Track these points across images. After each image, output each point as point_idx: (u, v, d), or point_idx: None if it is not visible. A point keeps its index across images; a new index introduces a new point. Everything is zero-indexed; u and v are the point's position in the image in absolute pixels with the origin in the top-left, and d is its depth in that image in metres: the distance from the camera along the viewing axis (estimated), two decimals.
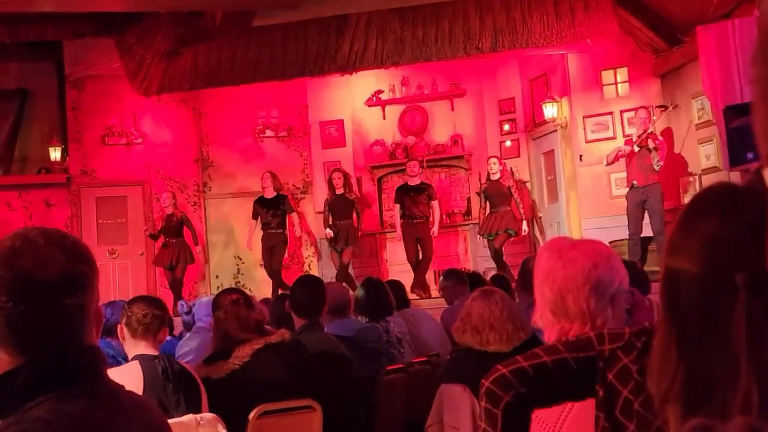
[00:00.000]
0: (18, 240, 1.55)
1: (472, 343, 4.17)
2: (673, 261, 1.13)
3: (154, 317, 4.16)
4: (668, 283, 1.14)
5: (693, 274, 1.09)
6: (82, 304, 1.57)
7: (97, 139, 13.32)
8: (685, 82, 11.39)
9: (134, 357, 4.13)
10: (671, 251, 1.14)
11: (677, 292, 1.12)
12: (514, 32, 11.11)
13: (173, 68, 11.84)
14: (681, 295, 1.11)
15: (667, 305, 1.14)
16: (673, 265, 1.13)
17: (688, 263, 1.10)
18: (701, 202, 1.14)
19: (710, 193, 1.15)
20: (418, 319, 6.74)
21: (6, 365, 1.52)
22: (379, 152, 13.92)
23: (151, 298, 4.39)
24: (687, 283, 1.10)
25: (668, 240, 1.16)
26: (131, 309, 4.19)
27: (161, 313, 4.21)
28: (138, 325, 4.14)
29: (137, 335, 4.16)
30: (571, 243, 2.36)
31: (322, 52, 11.51)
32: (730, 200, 1.12)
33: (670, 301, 1.14)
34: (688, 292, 1.10)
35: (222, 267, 13.70)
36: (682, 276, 1.11)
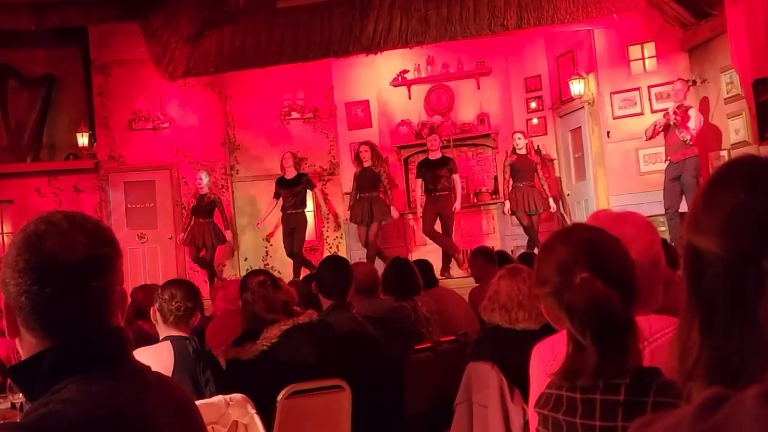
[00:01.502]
0: (42, 224, 1.56)
1: (500, 321, 4.16)
2: (696, 238, 1.11)
3: (186, 309, 4.20)
4: (692, 263, 1.12)
5: (718, 256, 1.07)
6: (106, 286, 1.57)
7: (124, 124, 13.39)
8: (713, 56, 11.25)
9: (165, 338, 4.18)
10: (694, 227, 1.12)
11: (701, 273, 1.09)
12: (539, 8, 11.03)
13: (198, 52, 11.87)
14: (705, 276, 1.08)
15: (691, 284, 1.12)
16: (697, 242, 1.10)
17: (712, 243, 1.07)
18: (724, 175, 1.12)
19: (733, 166, 1.13)
20: (446, 298, 6.73)
21: (33, 348, 1.54)
22: (406, 132, 13.89)
23: (184, 286, 4.40)
24: (712, 265, 1.07)
25: (690, 214, 1.13)
26: (163, 295, 4.23)
27: (193, 305, 4.25)
28: (170, 315, 4.19)
29: (169, 322, 4.21)
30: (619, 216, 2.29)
31: (347, 33, 11.49)
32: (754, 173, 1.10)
33: (694, 281, 1.11)
34: (713, 275, 1.07)
35: (250, 250, 13.76)
36: (707, 257, 1.08)
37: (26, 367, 1.54)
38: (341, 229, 13.84)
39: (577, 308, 1.74)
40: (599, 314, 1.72)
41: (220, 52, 11.87)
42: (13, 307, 1.54)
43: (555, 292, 1.79)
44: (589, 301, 1.72)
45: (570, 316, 1.75)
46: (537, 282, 1.88)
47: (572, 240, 1.85)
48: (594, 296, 1.72)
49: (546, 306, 1.85)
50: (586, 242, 1.83)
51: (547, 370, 2.01)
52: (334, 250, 13.43)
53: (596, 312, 1.72)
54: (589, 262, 1.77)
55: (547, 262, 1.84)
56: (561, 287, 1.78)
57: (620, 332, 1.74)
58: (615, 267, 1.78)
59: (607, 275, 1.75)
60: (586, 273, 1.75)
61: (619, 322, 1.73)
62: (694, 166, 10.43)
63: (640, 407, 1.70)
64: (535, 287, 1.90)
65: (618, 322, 1.73)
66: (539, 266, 1.87)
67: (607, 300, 1.72)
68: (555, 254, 1.83)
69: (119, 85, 13.29)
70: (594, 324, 1.72)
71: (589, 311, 1.72)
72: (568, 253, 1.80)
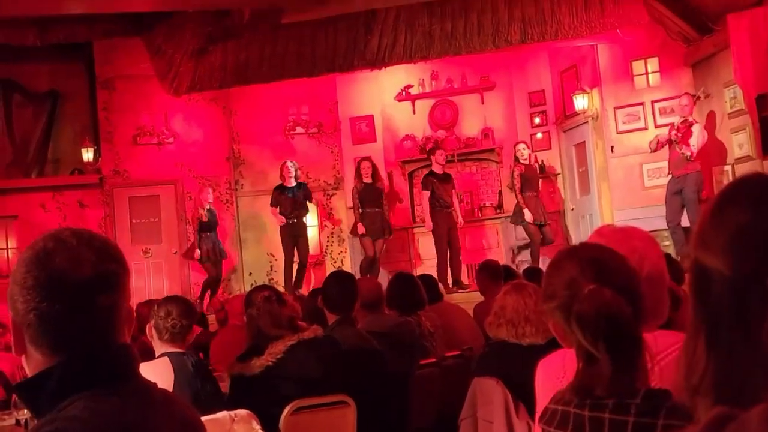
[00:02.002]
0: (50, 241, 1.56)
1: (506, 336, 4.16)
2: (703, 255, 1.11)
3: (182, 327, 4.20)
4: (698, 280, 1.12)
5: (724, 275, 1.07)
6: (114, 303, 1.58)
7: (129, 139, 13.41)
8: (716, 71, 11.27)
9: (162, 354, 4.18)
10: (700, 244, 1.12)
11: (707, 291, 1.10)
12: (543, 24, 11.06)
13: (203, 67, 11.90)
14: (711, 294, 1.09)
15: (697, 301, 1.12)
16: (703, 260, 1.11)
17: (718, 261, 1.08)
18: (731, 194, 1.12)
19: (740, 184, 1.13)
20: (450, 312, 6.73)
21: (40, 365, 1.54)
22: (410, 147, 13.91)
23: (181, 303, 4.39)
24: (718, 284, 1.08)
25: (697, 231, 1.14)
26: (159, 312, 4.23)
27: (189, 322, 4.24)
28: (165, 332, 4.19)
29: (164, 339, 4.21)
30: (625, 231, 2.29)
31: (351, 48, 11.52)
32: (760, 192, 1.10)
33: (700, 298, 1.12)
34: (718, 293, 1.08)
35: (255, 264, 13.75)
36: (713, 275, 1.09)
37: (33, 383, 1.54)
38: (343, 242, 13.85)
39: (587, 317, 1.74)
40: (610, 322, 1.72)
41: (224, 67, 11.90)
42: (21, 323, 1.54)
43: (563, 306, 1.80)
44: (598, 309, 1.73)
45: (581, 326, 1.75)
46: (545, 297, 1.88)
47: (579, 256, 1.86)
48: (603, 304, 1.72)
49: (554, 322, 1.86)
50: (592, 258, 1.84)
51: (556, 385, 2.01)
52: (338, 265, 13.43)
53: (606, 320, 1.72)
54: (596, 277, 1.77)
55: (555, 278, 1.85)
56: (569, 300, 1.78)
57: (632, 342, 1.74)
58: (622, 282, 1.78)
59: (615, 288, 1.75)
60: (595, 285, 1.75)
61: (630, 330, 1.73)
62: (695, 181, 10.45)
63: (650, 429, 1.69)
64: (543, 303, 1.90)
65: (629, 330, 1.73)
66: (547, 281, 1.88)
67: (617, 307, 1.72)
68: (563, 270, 1.84)
69: (124, 100, 13.32)
70: (606, 332, 1.72)
71: (599, 319, 1.72)
72: (575, 268, 1.81)
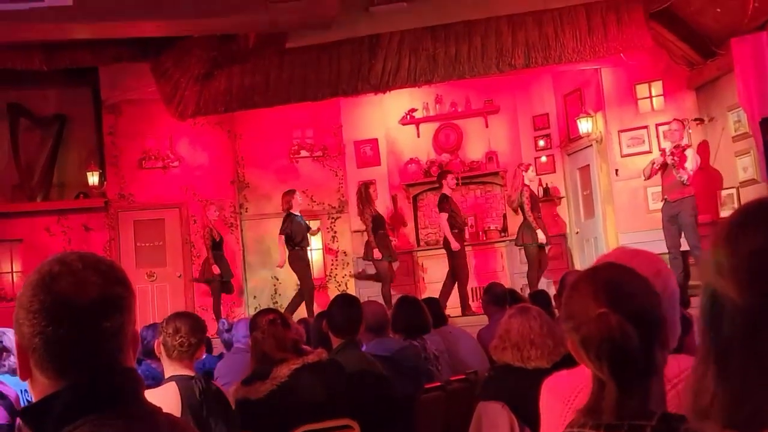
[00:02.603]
0: (56, 265, 1.56)
1: (511, 360, 4.15)
2: (715, 280, 1.10)
3: (189, 345, 4.17)
4: (709, 305, 1.11)
5: (737, 303, 1.06)
6: (120, 327, 1.57)
7: (134, 162, 13.45)
8: (720, 94, 11.29)
9: (170, 377, 4.15)
10: (715, 268, 1.11)
11: (719, 316, 1.08)
12: (546, 48, 11.08)
13: (208, 91, 11.94)
14: (723, 321, 1.08)
15: (708, 326, 1.11)
16: (715, 285, 1.09)
17: (731, 288, 1.06)
18: (746, 217, 1.11)
19: (757, 208, 1.12)
20: (455, 336, 6.71)
21: (46, 389, 1.53)
22: (414, 170, 13.94)
23: (189, 319, 4.36)
24: (730, 311, 1.07)
25: (711, 254, 1.12)
26: (167, 329, 4.20)
27: (196, 340, 4.21)
28: (174, 350, 4.17)
29: (173, 357, 4.19)
30: (650, 254, 2.28)
31: (356, 72, 11.55)
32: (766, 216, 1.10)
33: (711, 323, 1.10)
34: (731, 321, 1.07)
35: (259, 287, 13.75)
36: (725, 302, 1.07)
37: (39, 408, 1.54)
38: (349, 267, 13.84)
39: (591, 342, 1.74)
40: (614, 347, 1.72)
41: (229, 91, 11.93)
42: (27, 347, 1.54)
43: (576, 329, 1.80)
44: (603, 334, 1.73)
45: (586, 349, 1.76)
46: (563, 318, 1.89)
47: (596, 279, 1.87)
48: (609, 330, 1.72)
49: (571, 342, 1.86)
50: (609, 281, 1.84)
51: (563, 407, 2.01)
52: (342, 288, 13.42)
53: (610, 345, 1.72)
54: (609, 300, 1.77)
55: (572, 299, 1.86)
56: (580, 323, 1.79)
57: (640, 369, 1.74)
58: (637, 306, 1.78)
59: (628, 313, 1.75)
60: (605, 309, 1.76)
61: (637, 357, 1.73)
62: (691, 206, 10.37)
63: None
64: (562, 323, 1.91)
65: (636, 357, 1.73)
66: (566, 302, 1.89)
67: (623, 334, 1.72)
68: (579, 292, 1.85)
69: (129, 125, 13.38)
70: (609, 357, 1.72)
71: (603, 344, 1.72)
72: (590, 290, 1.82)
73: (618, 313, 1.74)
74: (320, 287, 13.46)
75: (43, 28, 10.26)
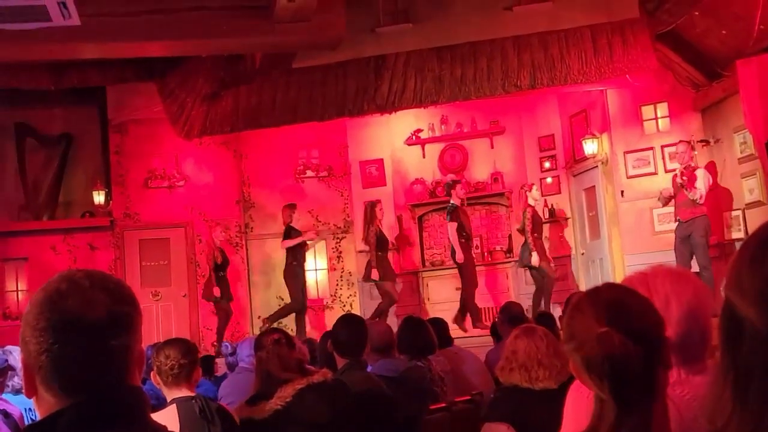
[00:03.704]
0: (63, 282, 1.56)
1: (519, 381, 4.13)
2: (737, 299, 1.08)
3: (181, 367, 4.18)
4: (729, 324, 1.09)
5: (758, 329, 1.04)
6: (126, 346, 1.57)
7: (140, 182, 13.48)
8: (726, 116, 11.30)
9: (171, 401, 4.16)
10: (735, 286, 1.09)
11: (739, 338, 1.07)
12: (552, 69, 11.11)
13: (214, 111, 11.98)
14: (743, 344, 1.06)
15: (726, 346, 1.10)
16: (737, 304, 1.08)
17: (753, 311, 1.04)
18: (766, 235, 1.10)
19: None
20: (461, 357, 6.69)
21: (51, 407, 1.53)
22: (420, 191, 13.94)
23: (178, 344, 4.37)
24: (750, 335, 1.05)
25: (733, 270, 1.10)
26: (158, 358, 4.22)
27: (188, 361, 4.22)
28: (167, 376, 4.18)
29: (169, 383, 4.20)
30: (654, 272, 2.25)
31: (362, 92, 11.58)
32: None
33: (730, 344, 1.09)
34: (751, 347, 1.05)
35: (264, 307, 13.73)
36: (746, 326, 1.06)
37: (43, 426, 1.53)
38: (354, 287, 13.83)
39: (593, 360, 1.74)
40: (615, 366, 1.71)
41: (235, 111, 11.97)
42: (33, 365, 1.53)
43: (579, 348, 1.80)
44: (604, 353, 1.72)
45: (588, 369, 1.75)
46: (565, 338, 1.89)
47: (597, 299, 1.86)
48: (611, 349, 1.72)
49: (573, 362, 1.86)
50: (610, 301, 1.84)
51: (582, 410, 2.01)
52: (347, 308, 13.41)
53: (611, 364, 1.71)
54: (610, 319, 1.77)
55: (574, 319, 1.86)
56: (582, 343, 1.78)
57: (640, 388, 1.73)
58: (638, 325, 1.78)
59: (629, 332, 1.75)
60: (607, 329, 1.75)
61: (638, 377, 1.72)
62: (703, 226, 10.39)
63: None
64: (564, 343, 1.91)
65: (637, 376, 1.72)
66: (567, 323, 1.88)
67: (624, 353, 1.72)
68: (581, 311, 1.84)
69: (136, 144, 13.41)
70: (611, 376, 1.71)
71: (604, 363, 1.72)
72: (592, 310, 1.81)
73: (620, 332, 1.74)
74: (325, 307, 13.46)
75: (50, 48, 10.32)
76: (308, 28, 10.33)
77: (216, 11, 10.18)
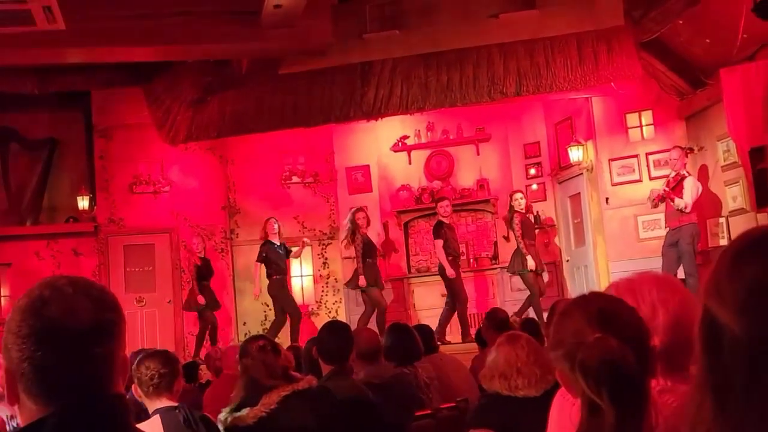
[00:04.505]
0: (46, 289, 1.55)
1: (500, 388, 4.13)
2: (716, 306, 1.08)
3: (161, 377, 4.16)
4: (708, 332, 1.09)
5: (737, 336, 1.04)
6: (110, 353, 1.56)
7: (125, 187, 13.42)
8: (710, 124, 11.35)
9: (154, 411, 4.15)
10: (714, 293, 1.09)
11: (718, 346, 1.06)
12: (538, 77, 11.13)
13: (200, 116, 11.96)
14: (723, 352, 1.06)
15: (707, 355, 1.09)
16: (716, 312, 1.07)
17: (733, 318, 1.04)
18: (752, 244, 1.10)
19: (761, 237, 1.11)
20: (446, 363, 6.69)
21: (33, 415, 1.52)
22: (406, 197, 13.94)
23: (157, 355, 4.36)
24: (730, 343, 1.05)
25: (711, 278, 1.10)
26: (139, 370, 4.21)
27: (168, 370, 4.21)
28: (148, 387, 4.16)
29: (150, 394, 4.18)
30: (641, 279, 2.23)
31: (348, 99, 11.57)
32: None
33: (710, 353, 1.08)
34: (731, 354, 1.05)
35: (249, 314, 13.70)
36: (726, 334, 1.05)
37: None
38: (340, 293, 13.80)
39: (590, 366, 1.73)
40: (614, 372, 1.70)
41: (221, 116, 11.95)
42: (15, 373, 1.52)
43: (569, 354, 1.79)
44: (602, 357, 1.71)
45: (584, 374, 1.74)
46: (551, 345, 1.88)
47: (587, 305, 1.86)
48: (608, 353, 1.71)
49: (560, 370, 1.85)
50: (600, 308, 1.84)
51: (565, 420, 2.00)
52: (333, 315, 13.39)
53: (611, 369, 1.70)
54: (602, 326, 1.77)
55: (562, 326, 1.85)
56: (575, 348, 1.77)
57: (637, 393, 1.73)
58: (628, 333, 1.78)
59: (624, 339, 1.74)
60: (601, 334, 1.75)
61: (635, 381, 1.72)
62: (690, 233, 10.44)
63: None
64: (550, 350, 1.90)
65: (634, 381, 1.72)
66: (555, 330, 1.88)
67: (622, 357, 1.71)
68: (570, 318, 1.84)
69: (121, 149, 13.35)
70: (610, 382, 1.70)
71: (603, 368, 1.71)
72: (582, 317, 1.81)
73: (615, 338, 1.74)
74: (311, 314, 13.43)
75: (35, 53, 10.28)
76: (295, 34, 10.33)
77: (203, 16, 10.17)
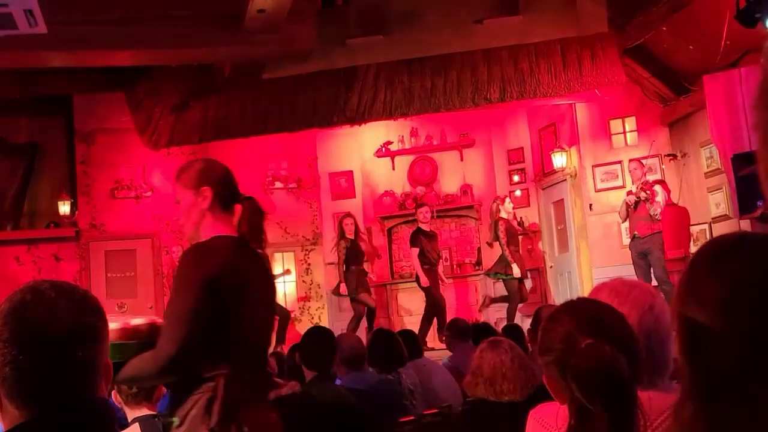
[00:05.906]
0: (28, 293, 1.54)
1: (485, 394, 4.12)
2: (694, 312, 1.09)
3: (140, 387, 4.12)
4: (692, 339, 1.10)
5: (720, 333, 1.04)
6: (92, 357, 1.54)
7: (107, 192, 13.34)
8: (693, 130, 11.40)
9: (133, 420, 4.10)
10: (695, 298, 1.10)
11: (704, 348, 1.07)
12: (522, 83, 11.15)
13: (183, 121, 11.90)
14: (707, 353, 1.07)
15: (689, 359, 1.10)
16: (694, 316, 1.08)
17: (714, 318, 1.06)
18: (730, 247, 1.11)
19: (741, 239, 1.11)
20: (430, 369, 6.67)
21: (15, 419, 1.50)
22: (389, 203, 13.93)
23: None
24: (713, 342, 1.06)
25: (690, 285, 1.11)
26: None
27: None
28: (126, 395, 4.12)
29: (130, 403, 4.14)
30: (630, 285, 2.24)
31: (332, 104, 11.55)
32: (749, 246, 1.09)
33: (692, 357, 1.10)
34: (719, 351, 1.05)
35: None
36: (707, 333, 1.06)
37: None
38: (323, 299, 13.77)
39: (584, 372, 1.71)
40: (608, 377, 1.69)
41: (204, 121, 11.90)
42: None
43: (558, 360, 1.77)
44: (595, 363, 1.70)
45: (577, 380, 1.72)
46: (541, 350, 1.87)
47: (576, 311, 1.85)
48: (602, 359, 1.70)
49: (548, 375, 1.83)
50: (589, 313, 1.83)
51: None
52: (316, 320, 13.35)
53: (604, 375, 1.69)
54: (593, 331, 1.75)
55: (552, 332, 1.84)
56: (565, 354, 1.76)
57: (628, 399, 1.71)
58: (618, 338, 1.77)
59: (614, 344, 1.73)
60: (593, 340, 1.74)
61: (627, 387, 1.71)
62: (660, 241, 10.44)
63: None
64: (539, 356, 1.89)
65: (626, 386, 1.71)
66: (543, 335, 1.87)
67: (615, 363, 1.70)
68: (559, 324, 1.82)
69: (102, 154, 13.27)
70: (603, 388, 1.69)
71: (597, 374, 1.69)
72: (572, 322, 1.80)
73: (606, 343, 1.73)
74: (294, 320, 13.38)
75: (17, 56, 10.21)
76: (278, 38, 10.31)
77: (185, 21, 10.13)
